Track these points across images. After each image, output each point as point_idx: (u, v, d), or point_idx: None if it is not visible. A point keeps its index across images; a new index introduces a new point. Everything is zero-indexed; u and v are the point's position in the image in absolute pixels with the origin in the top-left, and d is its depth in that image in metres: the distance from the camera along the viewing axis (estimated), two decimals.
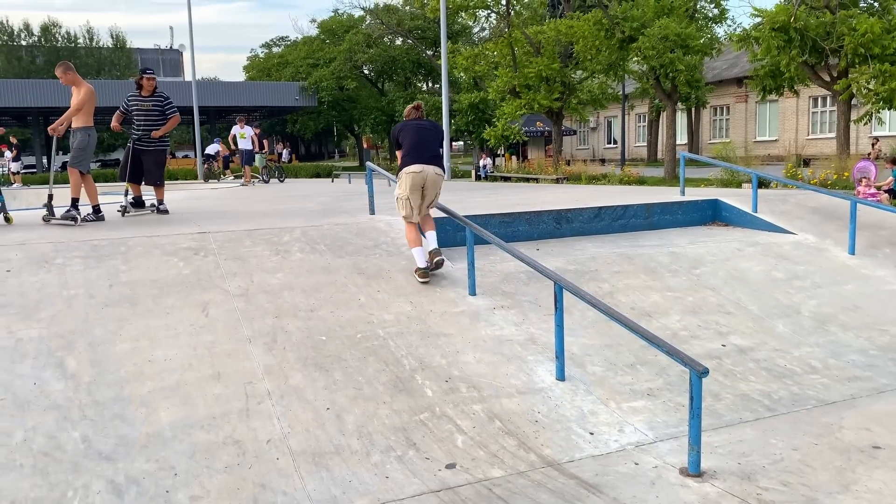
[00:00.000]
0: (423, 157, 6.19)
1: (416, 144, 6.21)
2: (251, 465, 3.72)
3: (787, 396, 4.89)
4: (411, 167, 6.14)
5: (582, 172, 21.99)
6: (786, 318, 6.17)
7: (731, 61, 38.42)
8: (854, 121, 20.86)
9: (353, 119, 51.71)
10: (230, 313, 5.12)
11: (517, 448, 4.06)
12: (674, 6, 22.05)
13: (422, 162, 6.16)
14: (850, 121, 20.89)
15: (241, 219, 7.99)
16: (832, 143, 23.90)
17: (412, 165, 6.15)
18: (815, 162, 23.47)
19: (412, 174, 6.12)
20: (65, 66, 7.80)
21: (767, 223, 8.51)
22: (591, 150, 50.45)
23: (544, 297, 5.85)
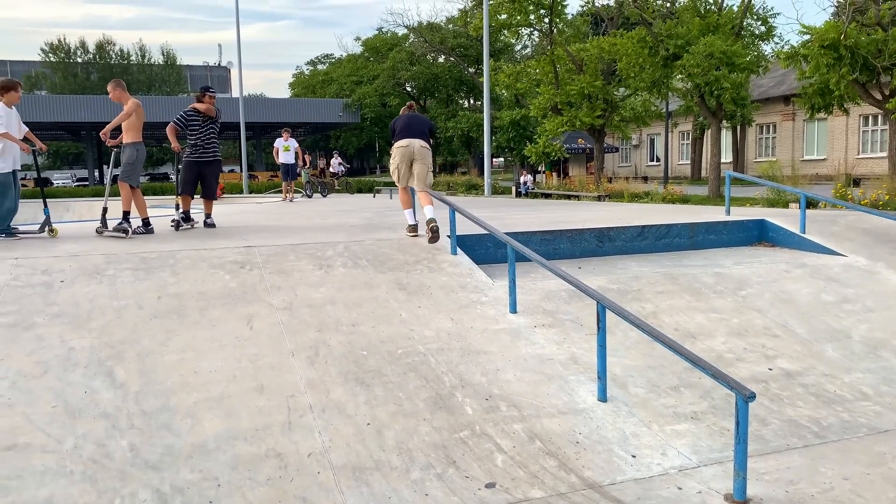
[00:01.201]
0: (411, 134, 7.64)
1: (406, 127, 7.71)
2: (292, 479, 3.76)
3: (836, 423, 4.75)
4: (401, 142, 7.63)
5: (624, 190, 21.78)
6: (835, 342, 6.00)
7: (777, 79, 37.81)
8: None
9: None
10: (274, 326, 5.19)
11: (558, 469, 4.02)
12: (719, 24, 21.82)
13: (409, 137, 7.61)
14: None
15: (286, 233, 8.11)
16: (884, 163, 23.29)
17: (401, 140, 7.63)
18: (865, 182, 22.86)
19: (402, 148, 7.62)
20: (115, 83, 8.12)
21: (816, 244, 8.32)
22: (633, 167, 50.01)
23: (586, 317, 5.80)
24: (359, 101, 47.21)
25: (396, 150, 7.64)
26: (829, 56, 19.03)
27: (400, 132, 7.70)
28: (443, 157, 56.11)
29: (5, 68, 67.51)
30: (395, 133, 7.74)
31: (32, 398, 4.20)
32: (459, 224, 7.06)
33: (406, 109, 8.08)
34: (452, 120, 45.81)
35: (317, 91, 55.54)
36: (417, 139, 7.62)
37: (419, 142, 7.62)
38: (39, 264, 5.90)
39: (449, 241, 7.09)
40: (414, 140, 7.60)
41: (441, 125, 46.62)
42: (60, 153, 70.88)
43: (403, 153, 7.60)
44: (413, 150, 7.59)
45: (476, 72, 45.09)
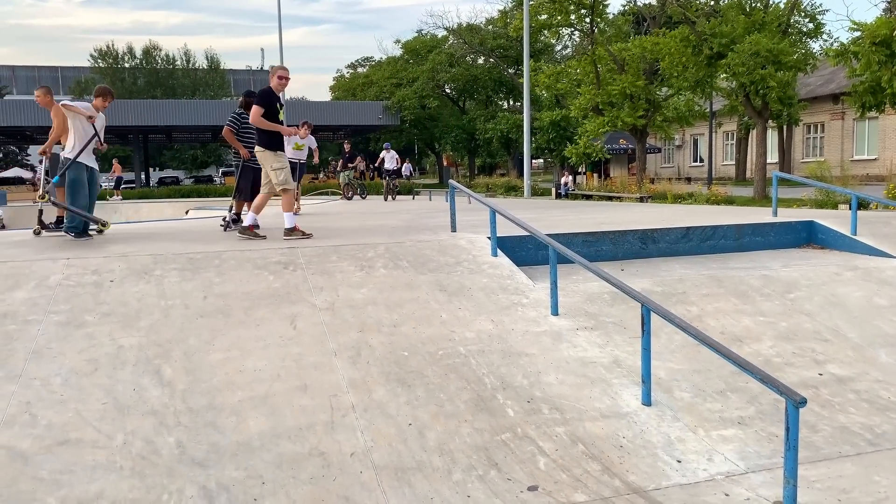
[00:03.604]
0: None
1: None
2: (335, 478, 3.78)
3: (891, 431, 4.60)
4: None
5: (667, 191, 21.46)
6: (890, 347, 5.81)
7: (826, 77, 36.86)
8: None
9: (434, 137, 52.34)
10: (316, 326, 5.24)
11: (601, 473, 3.97)
12: (766, 21, 21.37)
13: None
14: None
15: (327, 235, 8.18)
16: None
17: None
18: None
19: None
20: (43, 90, 8.40)
21: (868, 246, 8.07)
22: (676, 168, 49.26)
23: (629, 319, 5.73)
24: (398, 104, 47.44)
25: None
26: (881, 53, 18.49)
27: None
28: (482, 158, 56.09)
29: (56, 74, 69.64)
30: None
31: (84, 395, 4.31)
32: (500, 226, 7.03)
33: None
34: (492, 121, 45.74)
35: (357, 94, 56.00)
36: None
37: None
38: (90, 264, 6.05)
39: (489, 243, 7.07)
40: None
41: (480, 126, 46.59)
42: (108, 156, 72.66)
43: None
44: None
45: (516, 73, 44.96)
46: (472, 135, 48.57)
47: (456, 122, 49.73)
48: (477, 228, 8.15)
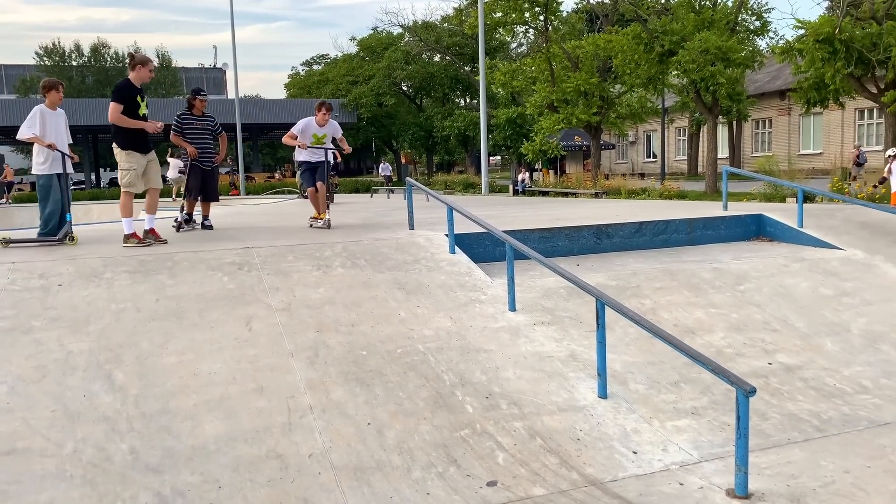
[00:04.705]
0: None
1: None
2: (293, 480, 3.75)
3: (837, 417, 4.75)
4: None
5: (621, 187, 21.80)
6: (834, 335, 6.01)
7: (773, 74, 37.82)
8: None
9: (392, 135, 52.18)
10: (273, 327, 5.18)
11: (559, 466, 4.01)
12: (714, 19, 21.84)
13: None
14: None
15: (284, 234, 8.10)
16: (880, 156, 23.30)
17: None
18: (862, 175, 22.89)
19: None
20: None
21: (814, 238, 8.32)
22: (630, 164, 50.03)
23: (585, 314, 5.80)
24: (355, 102, 47.17)
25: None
26: (824, 50, 19.07)
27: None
28: (440, 156, 56.14)
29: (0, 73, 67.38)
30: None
31: (31, 402, 4.19)
32: (457, 223, 7.05)
33: None
34: (449, 119, 45.77)
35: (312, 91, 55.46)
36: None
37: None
38: (36, 268, 5.88)
39: (447, 240, 7.08)
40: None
41: (438, 124, 46.59)
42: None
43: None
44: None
45: (472, 70, 45.07)
46: (430, 132, 48.56)
47: (413, 120, 49.66)
48: (435, 226, 8.16)
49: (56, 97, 7.40)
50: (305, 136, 8.72)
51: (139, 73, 7.18)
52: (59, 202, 7.39)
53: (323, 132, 8.80)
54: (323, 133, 8.81)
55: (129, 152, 7.21)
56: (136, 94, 7.17)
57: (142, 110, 7.22)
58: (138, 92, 7.21)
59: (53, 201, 7.37)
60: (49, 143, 7.20)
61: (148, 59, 7.27)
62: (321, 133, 8.79)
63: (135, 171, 7.22)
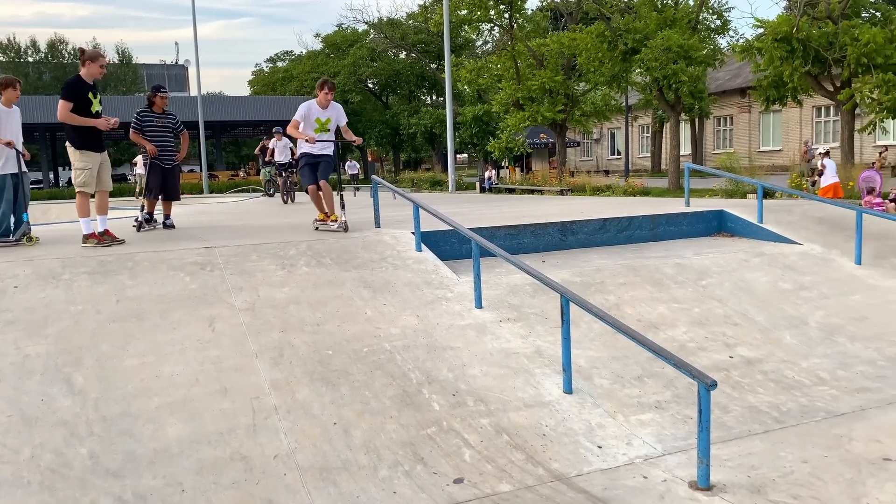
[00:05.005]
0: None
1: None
2: (258, 481, 3.71)
3: (795, 408, 4.86)
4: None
5: (586, 184, 22.01)
6: (793, 329, 6.14)
7: (733, 72, 38.49)
8: (858, 130, 20.87)
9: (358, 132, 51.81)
10: (236, 328, 5.12)
11: (525, 462, 4.04)
12: (676, 18, 22.14)
13: None
14: (854, 130, 20.89)
15: (247, 233, 8.01)
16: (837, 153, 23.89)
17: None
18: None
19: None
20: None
21: (773, 234, 8.50)
22: (594, 161, 50.50)
23: (550, 310, 5.84)
24: None
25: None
26: (783, 49, 19.47)
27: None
28: (407, 153, 56.01)
29: None
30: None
31: None
32: (424, 221, 7.05)
33: None
34: (415, 116, 45.73)
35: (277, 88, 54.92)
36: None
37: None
38: None
39: (414, 238, 7.07)
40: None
41: (404, 121, 46.53)
42: None
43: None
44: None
45: (438, 68, 45.07)
46: (397, 130, 48.46)
47: (379, 117, 49.49)
48: (401, 224, 8.14)
49: (13, 95, 7.21)
50: (308, 123, 7.94)
51: (90, 69, 6.98)
52: (10, 202, 7.21)
53: (327, 116, 8.00)
54: (327, 117, 8.01)
55: (83, 151, 7.03)
56: (88, 91, 6.97)
57: (94, 107, 7.02)
58: (90, 88, 7.00)
59: (6, 201, 7.19)
60: (7, 140, 7.03)
61: (98, 54, 7.06)
62: (325, 117, 8.00)
63: (89, 171, 7.04)
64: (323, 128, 7.98)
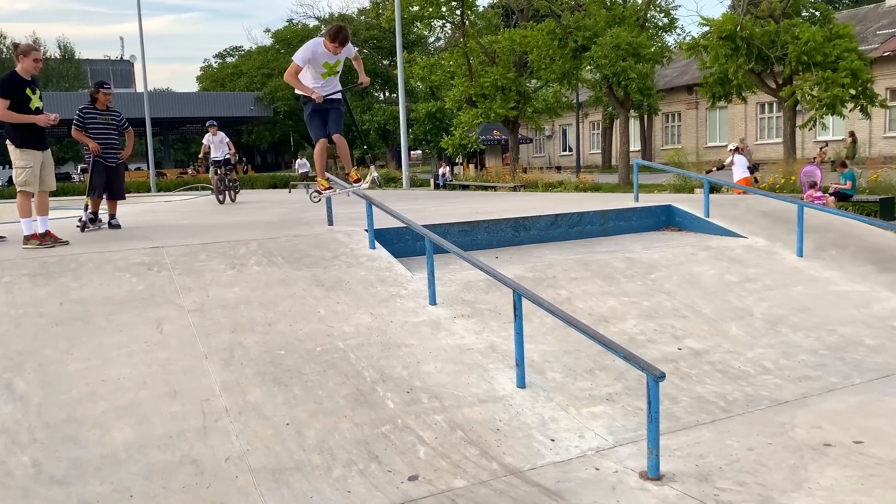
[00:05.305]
0: None
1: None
2: (209, 485, 3.65)
3: (741, 397, 4.99)
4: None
5: (539, 180, 22.21)
6: (739, 320, 6.31)
7: (681, 69, 39.28)
8: (799, 126, 21.50)
9: None
10: (185, 329, 5.03)
11: (479, 457, 4.06)
12: (625, 16, 22.47)
13: None
14: (796, 126, 21.52)
15: (196, 232, 7.86)
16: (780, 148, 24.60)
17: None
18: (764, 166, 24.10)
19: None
20: None
21: (719, 227, 8.71)
22: (547, 157, 50.98)
23: (504, 305, 5.88)
24: (271, 95, 46.21)
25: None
26: (727, 47, 19.92)
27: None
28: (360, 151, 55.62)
29: None
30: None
31: None
32: (378, 218, 7.01)
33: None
34: (368, 113, 45.49)
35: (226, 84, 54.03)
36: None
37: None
38: None
39: (367, 235, 7.04)
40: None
41: (357, 118, 46.21)
42: None
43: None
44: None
45: (390, 64, 44.89)
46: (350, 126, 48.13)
47: None
48: (354, 221, 8.09)
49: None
50: (315, 65, 6.88)
51: (24, 64, 6.73)
52: None
53: (336, 59, 6.96)
54: (336, 60, 6.94)
55: (24, 150, 6.78)
56: (25, 87, 6.72)
57: (34, 103, 6.77)
58: (27, 84, 6.75)
59: None
60: None
61: (32, 48, 6.80)
62: (333, 61, 6.94)
63: (31, 170, 6.80)
64: (332, 71, 6.99)
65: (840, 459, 3.96)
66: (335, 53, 6.85)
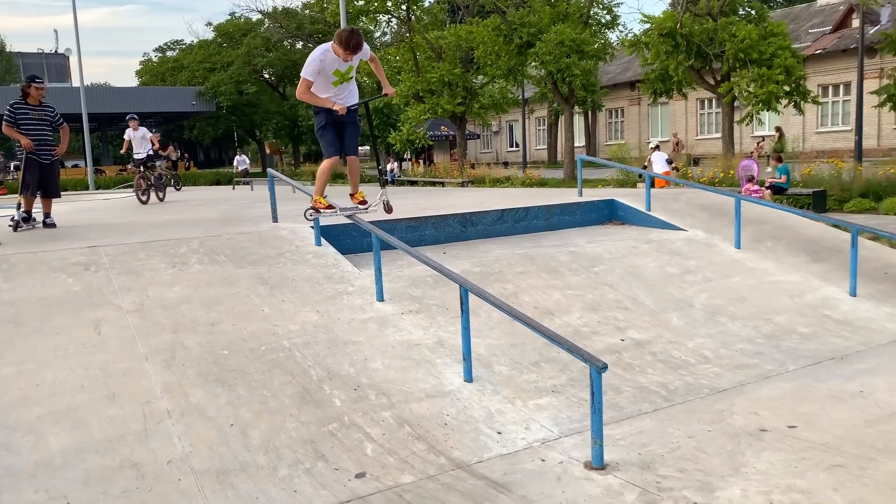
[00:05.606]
0: None
1: None
2: (151, 489, 3.57)
3: (682, 386, 5.12)
4: None
5: (486, 175, 22.34)
6: (679, 311, 6.46)
7: (624, 65, 39.99)
8: (737, 122, 22.13)
9: (255, 124, 50.59)
10: (124, 330, 4.90)
11: (427, 452, 4.07)
12: (568, 12, 22.75)
13: None
14: (734, 122, 22.14)
15: (135, 230, 7.66)
16: (719, 143, 25.29)
17: None
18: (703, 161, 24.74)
19: None
20: None
21: (660, 221, 8.91)
22: (494, 153, 51.29)
23: (451, 300, 5.90)
24: (213, 89, 45.26)
25: None
26: (668, 44, 20.37)
27: None
28: (307, 146, 54.94)
29: None
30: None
31: None
32: None
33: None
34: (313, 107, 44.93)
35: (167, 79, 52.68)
36: None
37: None
38: None
39: (313, 232, 6.97)
40: None
41: (303, 113, 45.63)
42: None
43: None
44: None
45: None
46: (295, 122, 47.49)
47: (277, 109, 48.33)
48: (299, 218, 7.97)
49: None
50: (325, 76, 6.01)
51: None
52: None
53: (348, 65, 6.04)
54: (348, 66, 6.03)
55: None
56: None
57: None
58: None
59: None
60: None
61: None
62: (345, 68, 6.04)
63: None
64: (344, 78, 6.12)
65: (775, 444, 4.10)
66: (346, 60, 5.95)
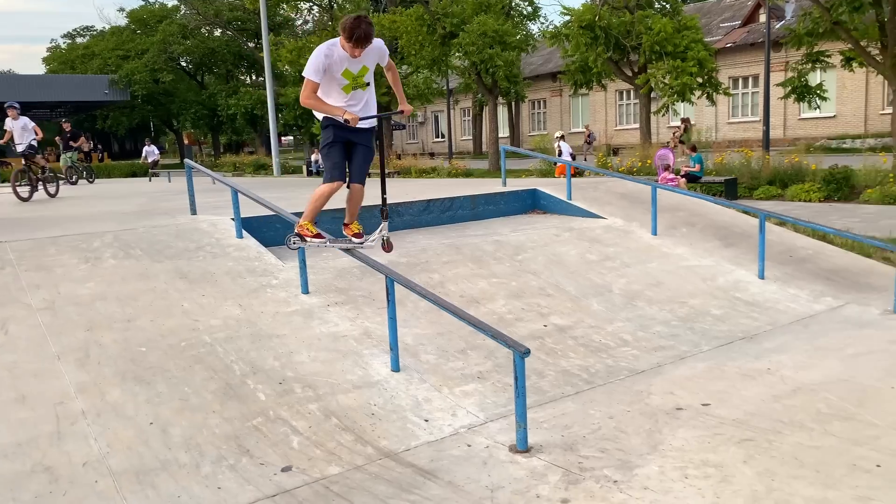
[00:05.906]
0: None
1: None
2: (66, 492, 3.44)
3: (603, 369, 5.29)
4: None
5: (412, 166, 22.33)
6: (599, 296, 6.65)
7: (545, 57, 40.62)
8: (654, 112, 22.83)
9: (172, 114, 48.97)
10: (34, 329, 4.68)
11: (354, 443, 4.07)
12: (490, 3, 22.92)
13: None
14: (651, 112, 22.84)
15: (43, 225, 7.31)
16: (637, 133, 26.04)
17: None
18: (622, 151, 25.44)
19: None
20: None
21: (581, 209, 9.13)
22: (420, 144, 51.28)
23: (378, 291, 5.89)
24: (127, 78, 43.50)
25: None
26: (587, 36, 20.80)
27: None
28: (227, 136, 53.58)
29: None
30: None
31: None
32: (246, 206, 6.80)
33: None
34: (234, 97, 43.83)
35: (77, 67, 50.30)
36: None
37: None
38: None
39: (234, 224, 6.82)
40: None
41: (222, 102, 44.45)
42: None
43: None
44: None
45: (256, 46, 43.41)
46: (215, 111, 46.21)
47: (195, 98, 46.91)
48: (220, 210, 7.81)
49: None
50: (332, 78, 4.87)
51: None
52: None
53: (361, 64, 4.88)
54: (360, 67, 4.88)
55: None
56: None
57: None
58: None
59: None
60: None
61: None
62: (358, 67, 4.88)
63: None
64: (356, 82, 4.94)
65: (690, 421, 4.29)
66: (355, 56, 4.79)
